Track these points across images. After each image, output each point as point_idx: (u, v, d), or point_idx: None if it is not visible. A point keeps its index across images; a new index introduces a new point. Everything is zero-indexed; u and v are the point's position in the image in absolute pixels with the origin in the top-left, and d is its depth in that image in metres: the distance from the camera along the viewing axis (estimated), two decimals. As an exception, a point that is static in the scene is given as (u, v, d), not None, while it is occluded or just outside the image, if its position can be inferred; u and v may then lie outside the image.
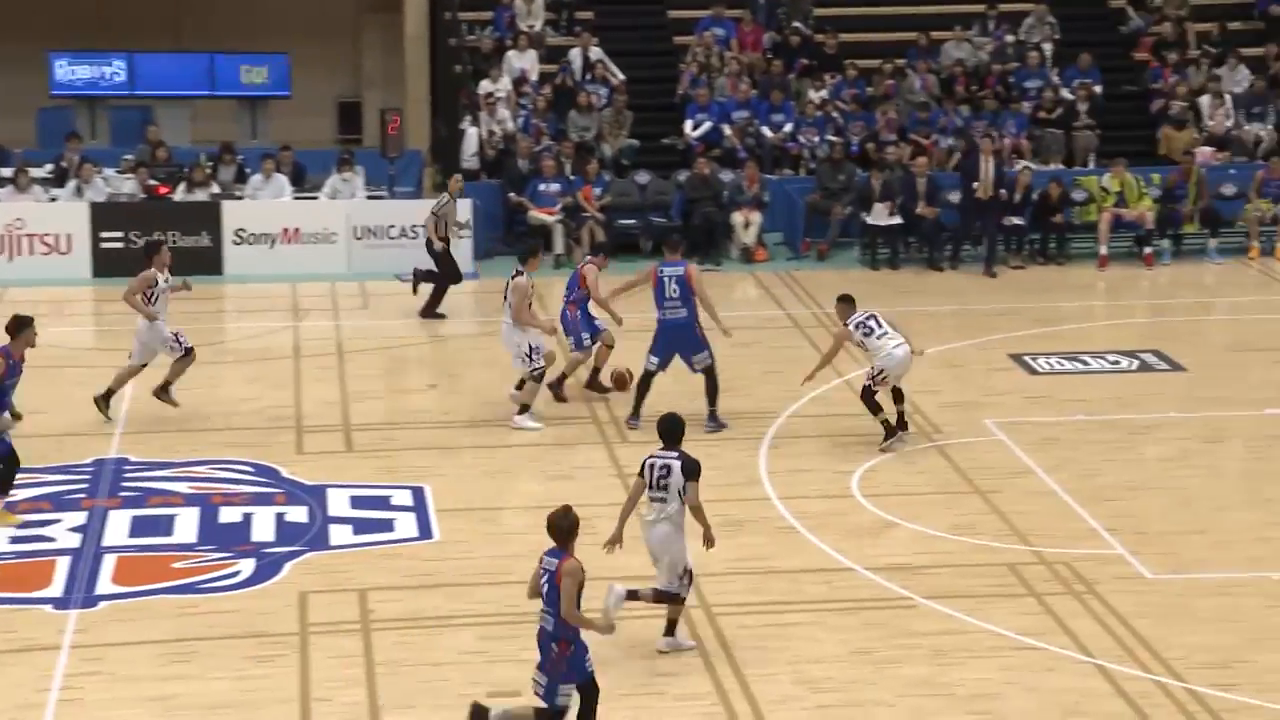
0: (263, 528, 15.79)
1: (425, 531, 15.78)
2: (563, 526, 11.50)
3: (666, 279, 17.85)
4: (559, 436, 18.12)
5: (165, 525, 15.86)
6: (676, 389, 18.46)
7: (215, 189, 25.60)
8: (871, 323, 17.63)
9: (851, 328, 17.67)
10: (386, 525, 15.94)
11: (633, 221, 25.58)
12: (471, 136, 26.51)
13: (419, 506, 16.28)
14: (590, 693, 11.49)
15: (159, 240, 20.21)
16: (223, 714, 12.41)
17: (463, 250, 24.62)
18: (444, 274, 22.69)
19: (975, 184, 24.42)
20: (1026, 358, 20.55)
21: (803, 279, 24.38)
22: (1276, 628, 13.58)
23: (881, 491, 16.52)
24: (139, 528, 15.81)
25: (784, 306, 22.81)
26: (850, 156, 26.22)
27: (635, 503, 13.45)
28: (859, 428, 18.25)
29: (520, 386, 18.34)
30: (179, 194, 25.42)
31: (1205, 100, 27.72)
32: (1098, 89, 28.01)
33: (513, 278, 18.37)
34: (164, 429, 18.34)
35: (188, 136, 28.11)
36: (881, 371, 17.44)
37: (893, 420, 17.63)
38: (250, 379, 20.25)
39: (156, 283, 18.35)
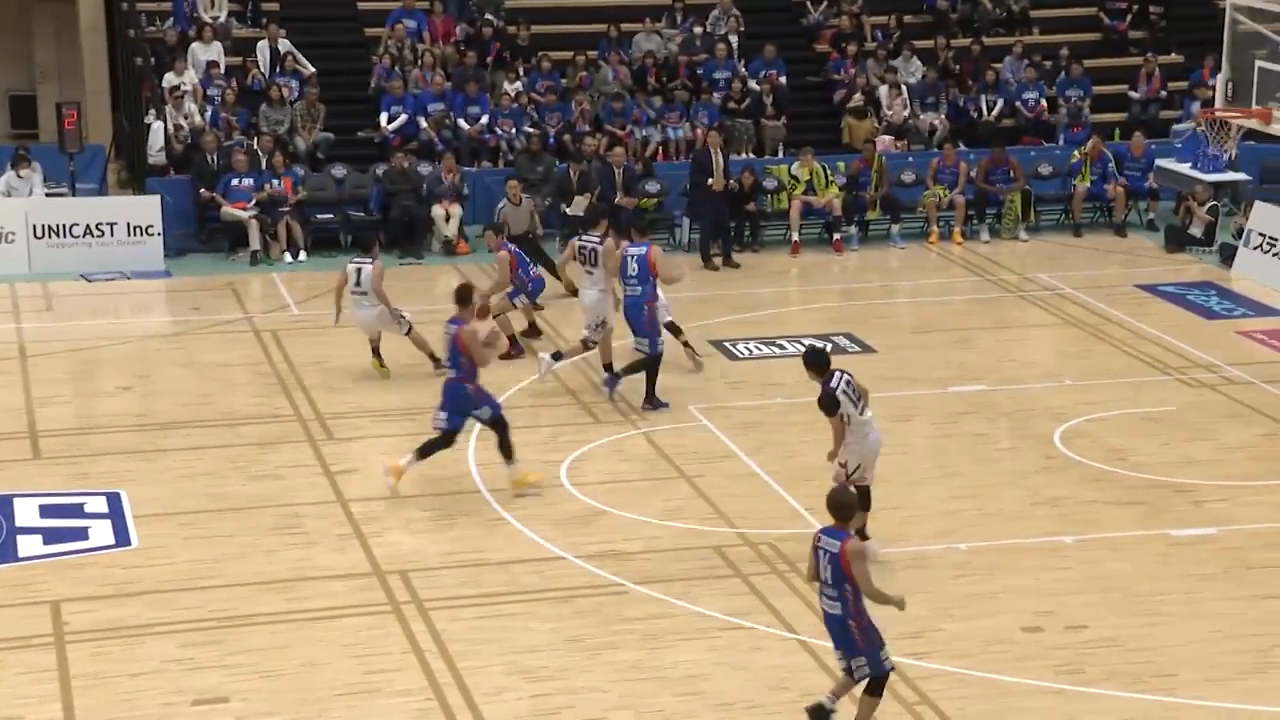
0: (-55, 542, 15.28)
1: (123, 538, 15.39)
2: (846, 503, 11.64)
3: (629, 258, 18.54)
4: (261, 436, 17.85)
5: None
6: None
7: (-122, 189, 24.64)
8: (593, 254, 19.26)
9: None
10: (80, 534, 15.52)
11: (330, 216, 25.31)
12: (157, 131, 25.95)
13: (115, 513, 15.88)
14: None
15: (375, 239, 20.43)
16: (-92, 738, 12.04)
17: (152, 248, 24.15)
18: None
19: (710, 179, 24.69)
20: (726, 343, 20.87)
21: (502, 270, 24.47)
22: (964, 597, 14.04)
23: (590, 479, 16.65)
24: None
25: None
26: (547, 148, 26.33)
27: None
28: (567, 417, 18.43)
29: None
30: None
31: (883, 91, 28.49)
32: (783, 80, 28.58)
33: (599, 242, 19.18)
34: None
35: None
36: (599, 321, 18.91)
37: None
38: (-71, 386, 19.56)
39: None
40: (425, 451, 16.19)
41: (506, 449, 16.19)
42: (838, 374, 14.60)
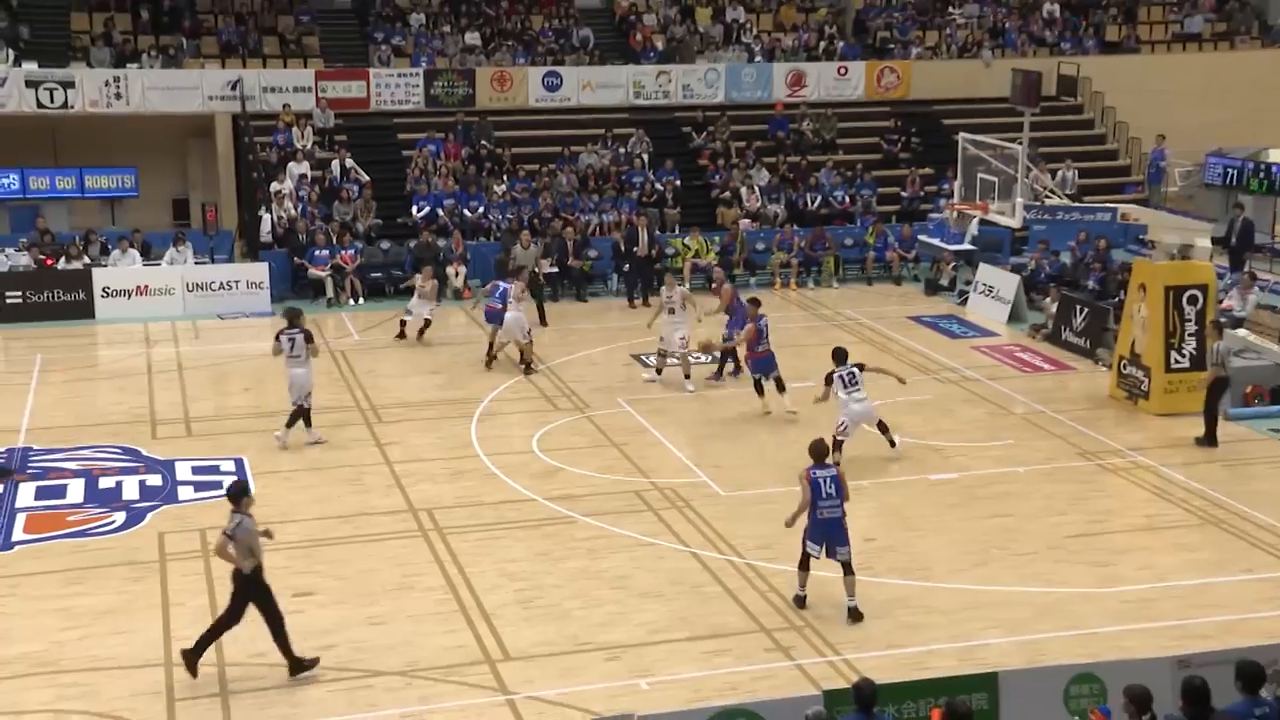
0: (130, 490, 15.19)
1: (246, 488, 15.33)
2: (823, 449, 12.12)
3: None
4: (335, 420, 17.73)
5: (60, 491, 15.14)
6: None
7: (86, 260, 24.31)
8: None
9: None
10: (218, 485, 15.35)
11: (379, 274, 25.17)
12: (266, 220, 25.75)
13: (240, 471, 15.82)
14: None
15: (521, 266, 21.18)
16: (108, 617, 12.00)
17: (263, 297, 23.97)
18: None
19: (636, 247, 24.67)
20: (643, 356, 20.89)
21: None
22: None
23: (553, 447, 16.61)
24: (41, 494, 15.07)
25: (482, 326, 22.63)
26: (523, 228, 26.22)
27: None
28: (537, 406, 18.36)
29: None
30: (61, 264, 24.08)
31: (743, 189, 28.59)
32: (678, 182, 28.59)
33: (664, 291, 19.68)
34: (57, 426, 17.37)
35: (67, 225, 26.53)
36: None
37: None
38: (118, 389, 19.30)
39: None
40: (759, 390, 17.67)
41: (780, 387, 17.65)
42: (848, 366, 15.70)
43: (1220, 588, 12.65)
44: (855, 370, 15.92)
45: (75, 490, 15.18)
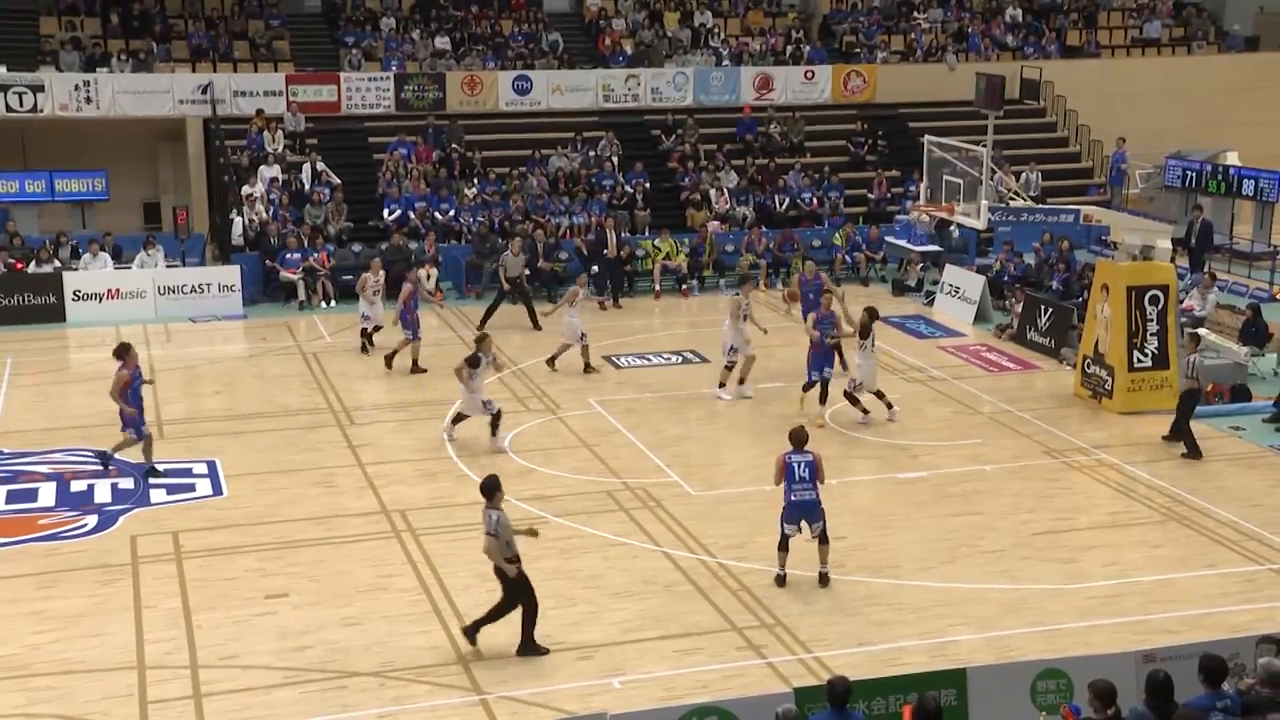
0: (102, 493, 15.01)
1: (218, 490, 15.20)
2: (804, 436, 12.41)
3: (807, 287, 19.97)
4: (307, 422, 17.62)
5: (32, 495, 14.95)
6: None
7: (57, 264, 24.06)
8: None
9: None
10: (190, 487, 15.31)
11: (350, 277, 24.96)
12: (237, 223, 25.56)
13: (212, 474, 15.67)
14: None
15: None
16: (81, 620, 11.84)
17: (235, 300, 23.80)
18: (517, 300, 23.02)
19: (605, 249, 24.64)
20: (614, 357, 20.88)
21: (466, 311, 24.17)
22: (767, 521, 13.84)
23: (525, 448, 16.54)
24: (13, 497, 14.88)
25: (453, 329, 22.69)
26: (494, 230, 26.20)
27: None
28: (508, 408, 18.20)
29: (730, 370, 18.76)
30: (31, 268, 23.81)
31: (712, 192, 28.62)
32: (647, 185, 28.60)
33: (733, 295, 19.49)
34: (29, 429, 17.18)
35: (36, 228, 26.30)
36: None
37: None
38: (89, 393, 19.03)
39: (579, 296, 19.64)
40: (822, 399, 17.64)
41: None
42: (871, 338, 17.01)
43: (1183, 583, 12.74)
44: (870, 343, 17.05)
45: (47, 494, 15.01)
